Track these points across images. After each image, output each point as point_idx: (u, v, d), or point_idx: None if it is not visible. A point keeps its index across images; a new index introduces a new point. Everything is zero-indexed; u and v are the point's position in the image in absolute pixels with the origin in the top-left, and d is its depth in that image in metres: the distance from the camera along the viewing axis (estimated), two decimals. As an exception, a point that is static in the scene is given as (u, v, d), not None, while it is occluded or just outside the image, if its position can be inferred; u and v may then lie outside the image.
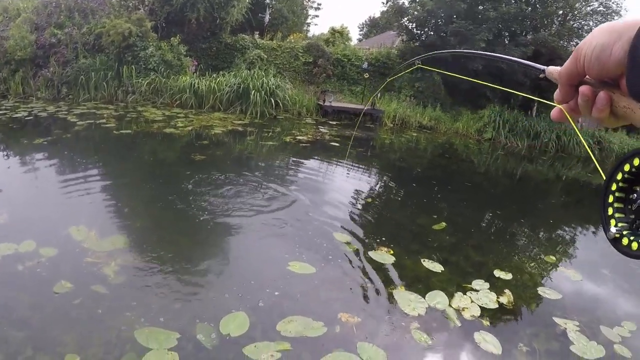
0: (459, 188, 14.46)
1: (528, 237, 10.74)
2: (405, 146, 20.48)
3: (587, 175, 22.39)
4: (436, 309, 6.09)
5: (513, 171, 19.95)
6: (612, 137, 28.60)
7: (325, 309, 5.70)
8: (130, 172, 10.71)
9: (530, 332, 6.16)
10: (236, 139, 15.59)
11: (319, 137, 17.98)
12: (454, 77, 26.03)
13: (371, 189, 12.29)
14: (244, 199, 9.43)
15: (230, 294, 5.71)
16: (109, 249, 6.25)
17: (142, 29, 20.13)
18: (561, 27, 27.03)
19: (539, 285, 7.73)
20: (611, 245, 0.94)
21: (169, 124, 15.70)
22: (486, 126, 25.70)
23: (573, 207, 16.24)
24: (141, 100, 19.42)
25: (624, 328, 6.72)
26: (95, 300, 5.14)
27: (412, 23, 28.81)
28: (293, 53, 26.21)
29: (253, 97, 20.00)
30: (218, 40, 25.01)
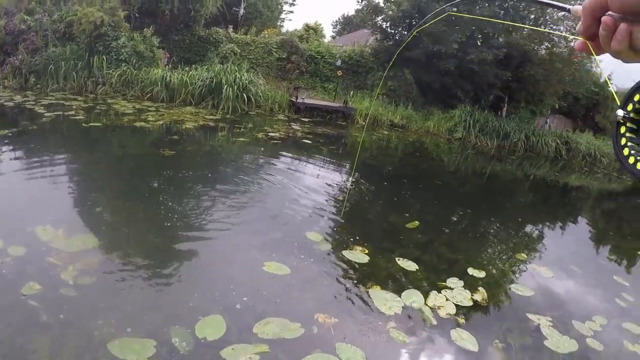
0: (429, 186, 14.57)
1: (499, 235, 10.87)
2: (376, 144, 20.53)
3: (554, 174, 22.74)
4: (412, 307, 6.13)
5: (482, 170, 20.13)
6: (579, 138, 29.10)
7: (301, 310, 5.67)
8: (99, 167, 10.46)
9: (505, 328, 6.25)
10: (207, 135, 15.48)
11: (291, 134, 17.97)
12: (426, 77, 26.19)
13: (343, 187, 12.24)
14: (215, 198, 9.31)
15: (204, 296, 5.62)
16: (78, 249, 6.04)
17: (115, 19, 19.84)
18: (533, 31, 27.31)
19: (511, 282, 7.89)
20: (629, 171, 0.96)
21: (139, 118, 15.49)
22: (457, 126, 25.98)
23: (541, 205, 16.48)
24: (111, 92, 19.12)
25: (595, 322, 6.91)
26: (66, 303, 4.97)
27: (387, 22, 28.93)
28: (267, 48, 26.13)
29: (225, 92, 19.84)
30: (191, 32, 24.84)
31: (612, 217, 17.18)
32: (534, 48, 27.11)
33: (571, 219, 15.24)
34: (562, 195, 19.17)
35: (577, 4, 1.07)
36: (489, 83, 26.59)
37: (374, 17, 29.31)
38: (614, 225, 15.90)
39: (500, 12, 27.40)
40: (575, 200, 18.93)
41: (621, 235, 14.12)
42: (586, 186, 22.55)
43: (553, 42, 27.46)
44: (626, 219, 17.38)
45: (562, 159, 27.52)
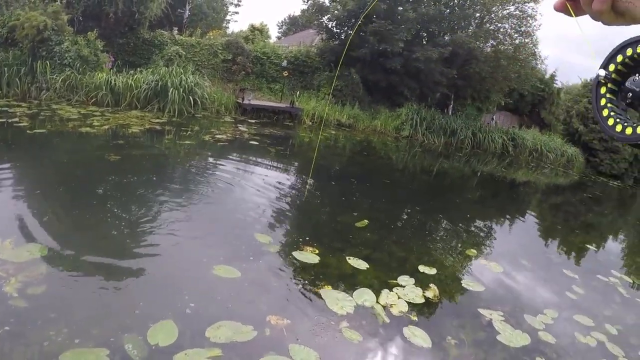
0: (377, 185, 14.58)
1: (448, 231, 10.96)
2: (324, 144, 20.51)
3: (502, 170, 23.11)
4: (364, 306, 6.09)
5: (430, 167, 20.34)
6: (525, 134, 29.70)
7: (253, 312, 5.58)
8: (44, 174, 10.11)
9: (457, 324, 6.28)
10: (154, 138, 15.18)
11: (238, 136, 17.79)
12: (372, 76, 26.32)
13: (291, 188, 12.17)
14: (162, 202, 9.10)
15: (155, 303, 5.49)
16: (25, 259, 5.80)
17: (58, 22, 19.32)
18: (478, 29, 27.78)
19: (462, 278, 7.92)
20: (607, 133, 0.93)
21: (84, 123, 15.10)
22: (404, 124, 26.23)
23: (490, 201, 16.72)
24: (55, 98, 18.61)
25: (547, 315, 7.03)
26: (14, 315, 4.76)
27: (332, 22, 28.97)
28: (212, 50, 25.88)
29: (171, 94, 19.52)
30: (136, 35, 24.40)
31: (559, 211, 17.54)
32: (479, 45, 27.48)
33: (519, 214, 15.46)
34: (510, 191, 19.49)
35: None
36: (435, 81, 26.87)
37: (320, 17, 29.28)
38: (562, 219, 16.24)
39: (446, 10, 27.71)
40: (523, 195, 19.27)
41: (569, 229, 14.42)
42: (533, 181, 23.02)
43: (498, 39, 27.91)
44: (573, 212, 17.77)
45: (509, 155, 28.06)
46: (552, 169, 27.23)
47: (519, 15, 27.53)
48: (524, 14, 27.51)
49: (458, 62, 27.52)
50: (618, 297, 9.01)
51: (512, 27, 27.96)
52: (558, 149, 30.21)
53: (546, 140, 30.36)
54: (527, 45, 28.06)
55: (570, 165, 30.05)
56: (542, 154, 29.36)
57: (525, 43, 27.98)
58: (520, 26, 27.71)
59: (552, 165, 28.52)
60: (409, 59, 25.39)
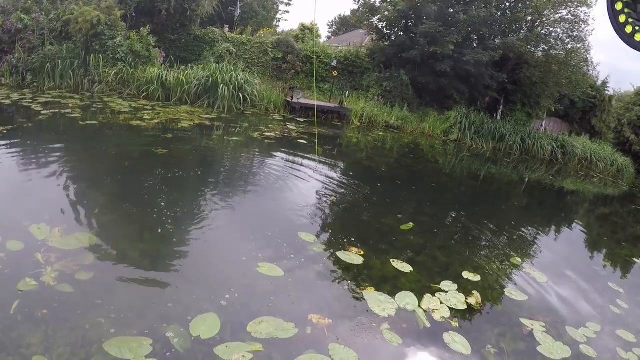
0: (424, 188, 14.56)
1: (493, 238, 10.82)
2: (372, 145, 20.52)
3: (550, 178, 22.74)
4: (406, 310, 6.11)
5: (478, 172, 20.15)
6: (575, 142, 29.15)
7: (295, 310, 5.64)
8: (94, 165, 10.42)
9: (498, 333, 6.24)
10: (202, 134, 15.39)
11: (286, 134, 17.89)
12: (421, 78, 26.16)
13: (337, 187, 12.17)
14: (207, 197, 9.28)
15: (199, 295, 5.59)
16: (74, 247, 6.02)
17: (111, 18, 19.76)
18: (529, 32, 27.35)
19: (505, 286, 7.85)
20: (624, 39, 0.94)
21: (135, 116, 15.40)
22: (452, 127, 26.00)
23: (536, 208, 16.47)
24: (107, 91, 19.03)
25: (589, 329, 6.89)
26: (61, 299, 4.97)
27: (383, 22, 28.90)
28: (262, 48, 26.07)
29: (221, 91, 19.75)
30: (187, 32, 24.72)
31: (607, 223, 17.18)
32: (530, 49, 27.10)
33: (566, 223, 15.22)
34: (558, 199, 19.18)
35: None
36: (484, 85, 26.62)
37: (370, 17, 29.23)
38: (609, 230, 15.90)
39: (497, 13, 27.39)
40: (571, 205, 18.94)
41: (616, 241, 14.11)
42: (582, 190, 22.57)
43: (550, 44, 27.47)
44: (621, 224, 17.39)
45: (557, 162, 27.56)
46: (601, 179, 26.65)
47: (571, 20, 26.97)
48: (576, 18, 26.93)
49: (508, 66, 27.22)
50: (664, 313, 8.83)
51: (564, 32, 27.37)
52: (608, 158, 29.48)
53: (596, 148, 29.70)
54: (579, 50, 27.48)
55: (620, 176, 29.31)
56: (592, 163, 28.73)
57: (577, 48, 27.41)
58: (573, 31, 27.13)
59: (601, 174, 27.90)
60: (459, 61, 25.19)
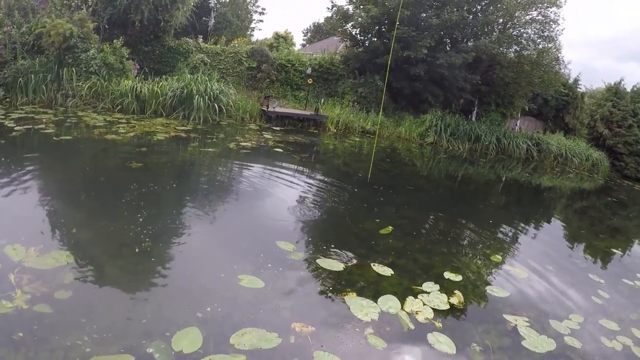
0: (401, 192, 14.55)
1: (473, 237, 10.90)
2: (348, 151, 20.56)
3: (526, 175, 22.96)
4: (389, 313, 6.12)
5: (455, 173, 20.26)
6: (549, 139, 29.47)
7: (278, 320, 5.60)
8: (70, 181, 10.27)
9: (482, 330, 6.27)
10: (178, 146, 15.26)
11: (263, 143, 17.84)
12: (396, 83, 26.28)
13: (315, 194, 12.17)
14: (185, 210, 9.24)
15: (180, 310, 5.52)
16: (52, 266, 5.89)
17: (84, 30, 19.52)
18: (501, 34, 27.54)
19: (487, 284, 7.92)
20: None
21: (110, 130, 15.22)
22: (428, 130, 26.16)
23: (514, 206, 16.66)
24: (81, 105, 18.77)
25: (572, 321, 7.01)
26: (39, 320, 4.85)
27: (356, 29, 29.01)
28: (237, 58, 26.00)
29: (196, 102, 19.65)
30: (161, 43, 24.56)
31: (585, 216, 17.39)
32: (502, 51, 27.36)
33: (544, 219, 15.36)
34: (535, 196, 19.36)
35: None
36: (458, 87, 26.78)
37: (344, 24, 29.32)
38: (587, 223, 16.10)
39: (469, 16, 27.60)
40: (548, 201, 19.11)
41: (594, 234, 14.28)
42: (558, 186, 22.82)
43: (521, 45, 27.75)
44: (599, 217, 17.60)
45: (533, 160, 27.88)
46: (577, 174, 26.97)
47: (542, 20, 27.26)
48: (547, 18, 27.23)
49: (481, 68, 27.43)
50: (645, 301, 8.95)
51: (535, 32, 27.68)
52: (583, 154, 29.84)
53: (571, 144, 30.06)
54: (550, 50, 27.80)
55: (595, 170, 29.67)
56: (567, 159, 29.06)
57: (548, 48, 27.73)
58: (543, 31, 27.43)
59: (577, 169, 28.26)
60: (432, 65, 25.33)
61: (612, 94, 33.25)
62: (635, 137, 31.25)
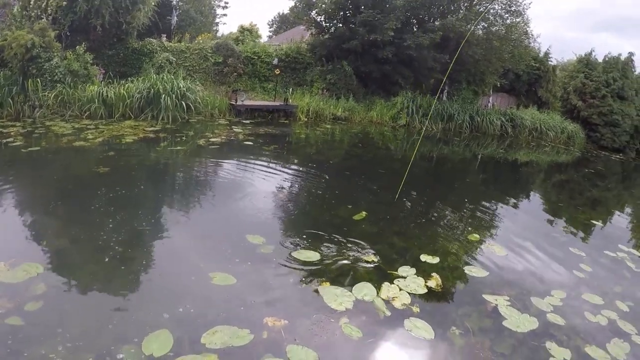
0: (374, 176, 14.40)
1: (450, 218, 10.80)
2: (320, 139, 20.40)
3: (502, 152, 22.95)
4: (364, 301, 5.98)
5: (430, 154, 20.15)
6: (523, 114, 29.50)
7: (250, 316, 5.48)
8: (38, 192, 10.02)
9: (462, 313, 6.14)
10: (146, 147, 14.95)
11: (233, 137, 17.62)
12: (364, 67, 26.13)
13: (285, 185, 12.07)
14: (155, 212, 9.07)
15: (151, 312, 5.42)
16: (22, 279, 5.78)
17: (46, 39, 19.15)
18: (468, 11, 27.43)
19: (465, 264, 7.77)
20: None
21: (78, 137, 14.90)
22: (400, 112, 26.02)
23: (491, 183, 16.57)
24: (49, 114, 18.40)
25: (554, 297, 6.88)
26: (12, 333, 4.78)
27: (321, 16, 28.77)
28: (202, 54, 25.67)
29: (164, 101, 19.33)
30: (125, 46, 24.19)
31: (563, 189, 17.36)
32: (470, 28, 27.23)
33: (522, 194, 15.31)
34: (512, 172, 19.34)
35: None
36: (428, 67, 26.62)
37: (308, 12, 29.08)
38: (566, 196, 16.08)
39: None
40: (526, 175, 19.10)
41: (574, 206, 14.25)
42: (535, 160, 22.84)
43: (489, 21, 27.66)
44: (578, 189, 17.60)
45: (508, 136, 27.87)
46: (553, 147, 27.04)
47: (509, -5, 27.32)
48: (513, -7, 27.27)
49: (450, 46, 27.28)
50: (627, 272, 8.86)
51: (502, 8, 27.67)
52: (557, 127, 29.83)
53: (545, 118, 30.06)
54: (519, 24, 27.81)
55: (571, 142, 29.70)
56: (542, 133, 29.08)
57: (516, 23, 27.72)
58: (510, 6, 27.44)
59: (552, 143, 28.31)
60: (400, 47, 25.18)
61: (583, 66, 33.18)
62: (610, 108, 31.23)
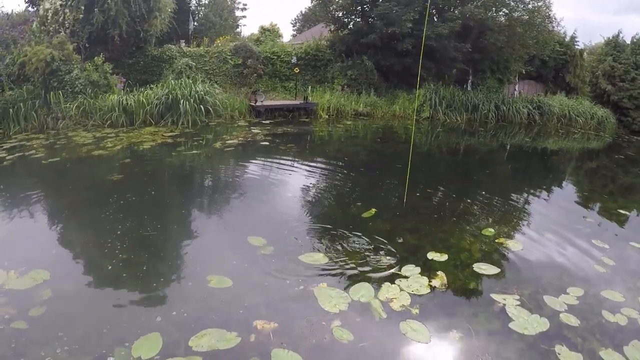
0: (392, 172, 14.01)
1: (467, 212, 10.41)
2: (340, 136, 20.22)
3: (530, 140, 22.54)
4: (360, 302, 5.78)
5: (456, 146, 19.86)
6: (550, 101, 28.91)
7: (241, 318, 5.44)
8: (52, 202, 10.22)
9: (467, 314, 5.87)
10: (162, 152, 14.93)
11: (250, 139, 17.55)
12: (385, 61, 25.88)
13: (296, 185, 11.86)
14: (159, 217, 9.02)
15: (145, 316, 5.50)
16: (29, 285, 6.02)
17: (65, 53, 19.41)
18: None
19: (475, 261, 7.39)
20: None
21: (98, 146, 15.02)
22: (423, 105, 25.69)
23: (517, 174, 16.11)
24: (72, 125, 18.60)
25: (570, 295, 6.46)
26: (16, 336, 5.03)
27: (339, 11, 28.58)
28: (221, 57, 25.70)
29: (183, 106, 19.41)
30: (144, 53, 24.37)
31: (591, 177, 16.82)
32: (491, 15, 26.77)
33: (548, 185, 14.74)
34: (539, 161, 18.82)
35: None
36: (450, 57, 26.20)
37: (326, 8, 28.90)
38: (596, 185, 15.42)
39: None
40: (553, 164, 18.58)
41: (602, 195, 13.68)
42: (565, 148, 22.29)
43: (510, 6, 27.17)
44: (610, 176, 17.02)
45: (536, 124, 27.26)
46: (582, 134, 26.34)
47: (529, -19, 26.80)
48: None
49: (472, 35, 26.81)
50: (655, 265, 8.36)
51: (522, -6, 27.18)
52: (587, 112, 29.03)
53: (574, 104, 29.34)
54: (541, 8, 27.25)
55: (601, 128, 28.80)
56: (571, 119, 28.38)
57: (538, 7, 27.17)
58: (531, -11, 26.96)
59: (582, 129, 27.59)
60: (419, 38, 24.82)
61: (611, 48, 32.23)
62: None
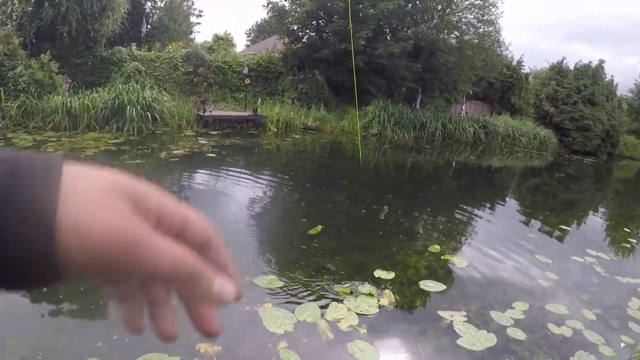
0: (339, 188, 14.08)
1: (414, 229, 10.53)
2: (292, 150, 20.21)
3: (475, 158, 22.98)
4: (306, 322, 5.65)
5: (402, 163, 20.01)
6: (496, 121, 29.74)
7: (185, 342, 5.14)
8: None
9: (415, 331, 5.85)
10: (105, 161, 14.50)
11: (197, 149, 17.24)
12: (336, 76, 26.02)
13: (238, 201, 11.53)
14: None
15: (85, 339, 5.22)
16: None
17: (10, 47, 18.64)
18: (440, 20, 27.54)
19: (422, 278, 7.38)
20: None
21: (38, 150, 14.47)
22: (372, 122, 26.02)
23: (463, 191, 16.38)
24: (11, 126, 17.84)
25: (516, 309, 6.56)
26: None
27: (294, 25, 28.67)
28: (172, 63, 25.28)
29: (129, 112, 18.93)
30: (93, 54, 23.69)
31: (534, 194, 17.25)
32: (442, 37, 27.36)
33: (493, 201, 15.10)
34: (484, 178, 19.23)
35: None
36: (400, 76, 26.60)
37: (281, 21, 28.91)
38: (537, 201, 15.95)
39: (407, 5, 27.40)
40: (497, 182, 19.02)
41: (544, 211, 14.08)
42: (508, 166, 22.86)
43: (462, 30, 27.82)
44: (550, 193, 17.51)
45: (481, 142, 28.01)
46: (526, 153, 27.34)
47: (481, 5, 27.68)
48: (486, 2, 27.66)
49: (423, 55, 27.26)
50: (595, 277, 8.65)
51: (474, 17, 28.02)
52: (530, 132, 30.50)
53: (518, 124, 30.60)
54: (491, 33, 28.15)
55: (543, 147, 30.31)
56: (515, 139, 29.57)
57: (489, 32, 28.04)
58: (483, 15, 27.74)
59: (525, 148, 28.69)
60: (372, 55, 25.06)
61: (555, 73, 34.30)
62: (581, 113, 32.21)
